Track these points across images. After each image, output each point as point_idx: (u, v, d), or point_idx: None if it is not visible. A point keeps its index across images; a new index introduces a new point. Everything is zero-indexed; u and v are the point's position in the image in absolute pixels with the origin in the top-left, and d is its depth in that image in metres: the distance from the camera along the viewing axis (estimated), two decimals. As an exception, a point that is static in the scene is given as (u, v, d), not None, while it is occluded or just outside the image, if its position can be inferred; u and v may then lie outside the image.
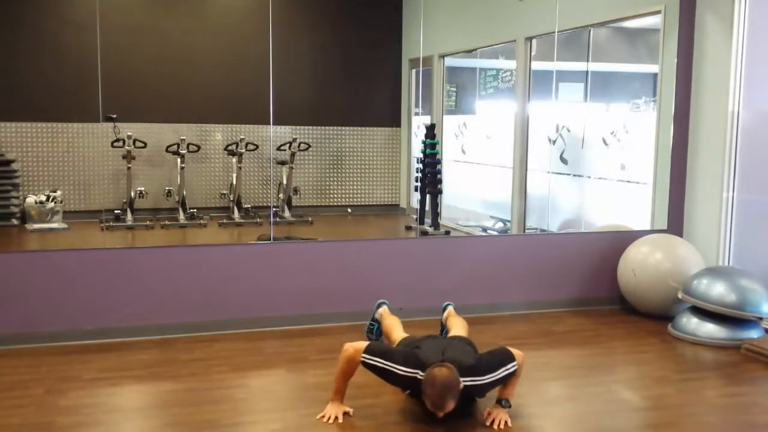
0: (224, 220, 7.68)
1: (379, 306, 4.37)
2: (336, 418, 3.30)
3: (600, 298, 5.37)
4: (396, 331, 3.99)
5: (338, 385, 3.37)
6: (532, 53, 6.75)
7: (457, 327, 4.01)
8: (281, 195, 7.93)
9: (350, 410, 3.36)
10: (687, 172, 5.44)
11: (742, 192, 5.09)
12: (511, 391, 3.36)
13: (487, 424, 3.26)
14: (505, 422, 3.27)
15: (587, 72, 6.85)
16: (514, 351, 3.36)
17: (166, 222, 7.46)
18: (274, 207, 7.84)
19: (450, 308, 4.36)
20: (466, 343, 3.58)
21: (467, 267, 5.12)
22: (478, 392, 3.29)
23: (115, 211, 7.41)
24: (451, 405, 3.11)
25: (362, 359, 3.29)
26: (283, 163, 7.99)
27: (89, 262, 4.46)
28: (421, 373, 3.18)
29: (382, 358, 3.29)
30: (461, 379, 3.14)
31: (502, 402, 3.34)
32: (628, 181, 6.11)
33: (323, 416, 3.32)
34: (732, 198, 5.12)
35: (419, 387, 3.18)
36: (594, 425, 3.38)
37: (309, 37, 8.26)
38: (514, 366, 3.30)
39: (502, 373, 3.27)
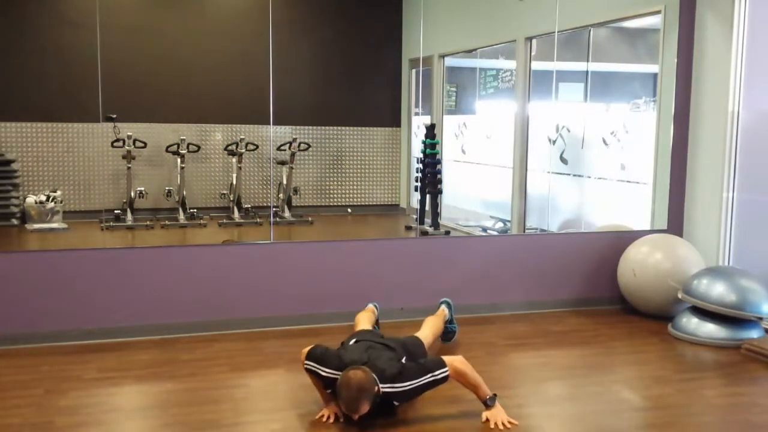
0: (224, 220, 7.68)
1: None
2: (336, 416, 3.30)
3: (600, 298, 5.37)
4: (361, 324, 4.07)
5: (318, 391, 3.41)
6: (532, 53, 6.75)
7: (424, 328, 4.03)
8: (281, 195, 7.93)
9: None
10: (687, 172, 5.44)
11: (742, 192, 5.09)
12: (482, 391, 3.32)
13: (492, 426, 3.25)
14: (508, 421, 3.26)
15: (587, 72, 6.85)
16: (447, 357, 3.33)
17: (166, 222, 7.47)
18: (274, 207, 7.84)
19: (442, 307, 4.36)
20: (404, 347, 3.54)
21: (467, 267, 5.12)
22: (399, 399, 3.26)
23: (115, 211, 7.41)
24: (365, 408, 3.12)
25: (304, 366, 3.35)
26: (283, 163, 7.99)
27: (89, 262, 4.46)
28: (340, 374, 3.20)
29: (315, 362, 3.32)
30: (381, 385, 3.15)
31: (487, 402, 3.32)
32: (628, 181, 6.11)
33: (321, 416, 3.32)
34: (732, 198, 5.12)
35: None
36: (594, 425, 3.38)
37: (309, 37, 8.26)
38: (443, 372, 3.26)
39: (425, 380, 3.24)
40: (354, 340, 3.62)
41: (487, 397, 3.32)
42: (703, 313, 4.60)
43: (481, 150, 7.79)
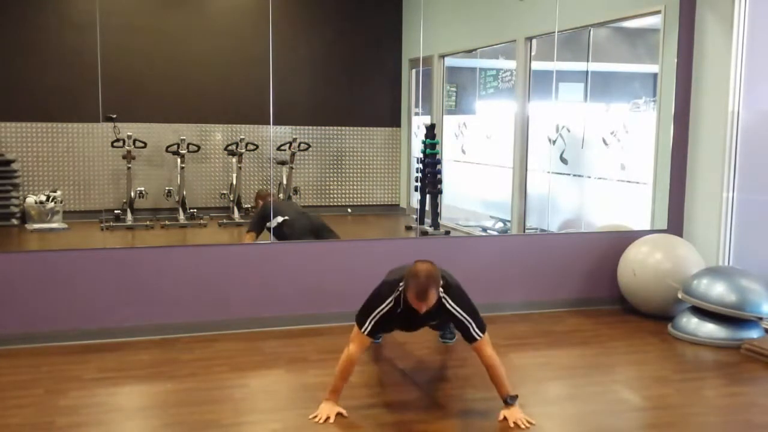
0: (224, 220, 7.68)
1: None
2: (328, 418, 3.30)
3: (600, 298, 5.37)
4: None
5: (337, 383, 3.38)
6: (532, 53, 6.75)
7: None
8: (281, 195, 7.93)
9: (344, 411, 3.35)
10: (687, 172, 5.44)
11: (742, 192, 5.09)
12: (504, 387, 3.34)
13: (511, 425, 3.26)
14: (526, 420, 3.28)
15: (587, 72, 6.85)
16: (487, 340, 3.39)
17: (166, 222, 7.46)
18: (274, 207, 7.84)
19: None
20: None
21: (467, 267, 5.10)
22: (442, 316, 3.37)
23: (115, 211, 7.40)
24: (433, 296, 3.20)
25: (368, 336, 3.37)
26: (283, 163, 7.98)
27: (89, 262, 4.46)
28: (402, 284, 3.27)
29: (373, 317, 3.36)
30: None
31: (507, 400, 3.34)
32: (628, 181, 6.11)
33: (316, 416, 3.32)
34: (732, 198, 5.12)
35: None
36: (594, 425, 3.38)
37: (309, 37, 8.26)
38: (478, 333, 3.34)
39: (465, 319, 3.34)
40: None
41: (509, 395, 3.34)
42: (703, 313, 4.60)
43: (481, 150, 7.79)
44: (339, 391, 3.38)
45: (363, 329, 3.37)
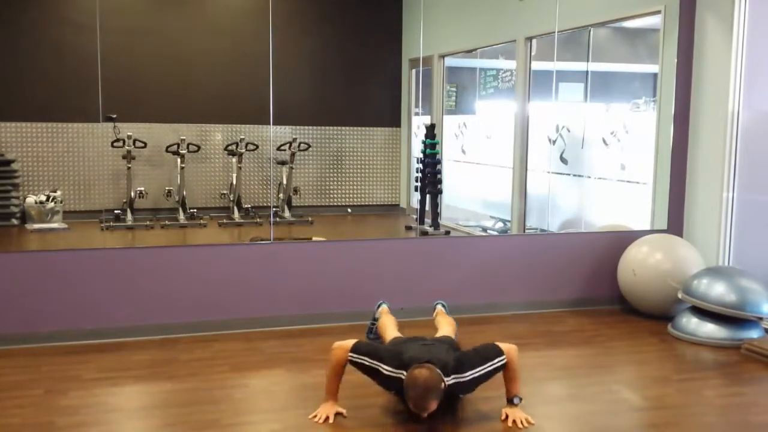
0: (224, 220, 7.68)
1: (379, 306, 4.37)
2: (327, 418, 3.29)
3: (600, 298, 5.37)
4: (389, 330, 3.97)
5: (329, 385, 3.37)
6: (532, 53, 6.75)
7: (444, 327, 4.01)
8: (281, 195, 7.93)
9: (343, 411, 3.35)
10: (687, 172, 5.44)
11: (742, 192, 5.09)
12: (516, 386, 3.35)
13: (509, 424, 3.27)
14: (526, 420, 3.29)
15: (587, 72, 6.85)
16: (504, 345, 3.34)
17: (166, 222, 7.47)
18: (274, 207, 7.85)
19: (439, 307, 4.36)
20: (448, 344, 3.56)
21: (467, 267, 5.12)
22: (463, 390, 3.29)
23: (115, 211, 7.41)
24: (433, 405, 3.10)
25: (349, 358, 3.30)
26: (283, 163, 7.99)
27: (89, 262, 4.46)
28: (405, 374, 3.17)
29: (368, 357, 3.29)
30: (445, 378, 3.13)
31: (513, 400, 3.34)
32: (628, 181, 6.11)
33: (315, 416, 3.32)
34: (732, 198, 5.11)
35: (402, 388, 3.17)
36: (594, 425, 3.38)
37: (309, 37, 8.27)
38: (501, 360, 3.29)
39: (487, 368, 3.26)
40: (404, 341, 3.60)
41: (515, 395, 3.34)
42: (703, 313, 4.59)
43: (481, 150, 7.79)
44: (334, 392, 3.37)
45: (351, 352, 3.31)
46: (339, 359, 3.32)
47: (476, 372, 3.24)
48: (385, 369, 3.24)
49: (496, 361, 3.28)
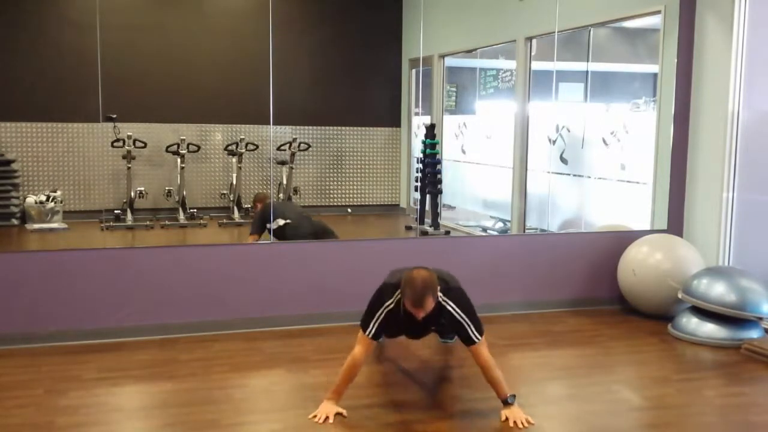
0: (224, 220, 7.68)
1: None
2: (327, 418, 3.30)
3: (600, 298, 5.37)
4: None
5: (341, 385, 3.38)
6: (532, 53, 6.75)
7: None
8: (281, 195, 7.93)
9: (343, 411, 3.35)
10: (687, 172, 5.44)
11: (742, 192, 5.09)
12: (502, 387, 3.35)
13: (511, 425, 3.27)
14: (526, 420, 3.29)
15: (587, 72, 6.85)
16: (483, 341, 3.39)
17: (166, 222, 7.47)
18: (274, 207, 7.84)
19: None
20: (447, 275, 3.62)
21: (467, 267, 5.11)
22: (443, 319, 3.34)
23: (115, 211, 7.41)
24: (430, 303, 3.19)
25: (372, 339, 3.36)
26: (283, 163, 7.99)
27: (89, 262, 4.46)
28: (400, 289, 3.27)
29: (376, 317, 3.37)
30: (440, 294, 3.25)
31: (507, 400, 3.35)
32: (628, 181, 6.11)
33: (315, 416, 3.32)
34: (732, 198, 5.12)
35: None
36: (594, 425, 3.38)
37: (309, 37, 8.26)
38: (476, 335, 3.33)
39: (464, 322, 3.33)
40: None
41: (507, 395, 3.35)
42: (703, 313, 4.60)
43: (481, 150, 7.79)
44: (341, 393, 3.38)
45: (367, 332, 3.37)
46: (359, 358, 3.35)
47: (457, 312, 3.33)
48: (389, 303, 3.34)
49: (474, 329, 3.34)
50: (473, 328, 3.35)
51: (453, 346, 4.37)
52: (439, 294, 3.29)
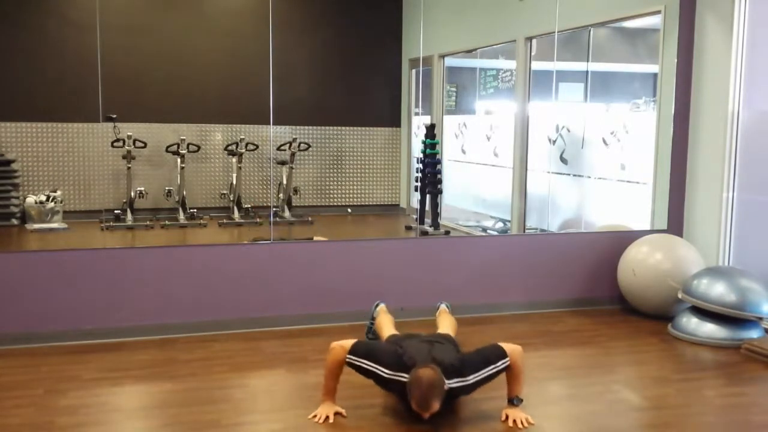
0: (224, 220, 7.68)
1: (376, 306, 4.37)
2: (327, 418, 3.29)
3: (600, 298, 5.37)
4: (386, 328, 3.98)
5: (327, 385, 3.36)
6: (532, 53, 6.75)
7: (445, 325, 4.01)
8: (281, 195, 7.93)
9: (343, 411, 3.35)
10: (687, 172, 5.44)
11: (742, 192, 5.09)
12: (519, 388, 3.35)
13: (510, 425, 3.27)
14: (526, 420, 3.29)
15: (587, 72, 6.85)
16: (508, 346, 3.34)
17: (166, 222, 7.47)
18: (274, 207, 7.85)
19: (442, 306, 4.36)
20: (450, 342, 3.57)
21: (467, 267, 5.12)
22: (464, 392, 3.28)
23: (115, 211, 7.41)
24: (436, 405, 3.11)
25: (347, 360, 3.29)
26: (283, 163, 7.99)
27: (89, 262, 4.46)
28: (405, 376, 3.17)
29: (366, 359, 3.28)
30: (447, 381, 3.14)
31: (513, 401, 3.34)
32: (628, 181, 6.11)
33: (315, 416, 3.31)
34: (732, 198, 5.12)
35: (404, 389, 3.17)
36: (594, 425, 3.38)
37: (309, 37, 8.27)
38: (504, 363, 3.28)
39: (489, 371, 3.26)
40: (401, 338, 3.58)
41: (516, 396, 3.35)
42: (703, 313, 4.59)
43: (481, 150, 7.79)
44: (332, 392, 3.37)
45: (350, 354, 3.29)
46: (337, 359, 3.31)
47: (479, 375, 3.25)
48: (385, 372, 3.24)
49: (499, 363, 3.28)
50: (499, 366, 3.28)
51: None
52: (449, 383, 3.15)
